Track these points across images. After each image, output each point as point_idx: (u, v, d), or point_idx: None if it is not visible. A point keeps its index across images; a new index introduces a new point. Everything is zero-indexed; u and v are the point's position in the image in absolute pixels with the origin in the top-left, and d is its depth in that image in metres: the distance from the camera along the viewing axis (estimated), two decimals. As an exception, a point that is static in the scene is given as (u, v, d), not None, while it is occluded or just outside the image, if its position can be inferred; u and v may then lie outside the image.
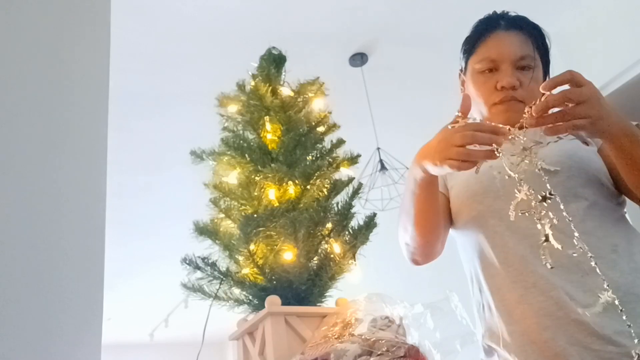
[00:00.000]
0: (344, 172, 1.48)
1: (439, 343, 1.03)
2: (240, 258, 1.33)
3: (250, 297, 1.33)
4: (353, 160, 1.50)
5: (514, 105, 1.11)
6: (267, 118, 1.49)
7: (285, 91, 1.56)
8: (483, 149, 0.87)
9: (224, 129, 1.52)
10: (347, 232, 1.38)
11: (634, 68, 2.48)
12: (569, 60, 2.65)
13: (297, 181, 1.38)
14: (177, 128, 3.25)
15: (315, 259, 1.35)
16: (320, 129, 1.50)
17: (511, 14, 1.21)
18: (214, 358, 6.12)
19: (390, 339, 0.99)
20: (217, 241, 1.36)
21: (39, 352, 0.70)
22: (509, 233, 1.05)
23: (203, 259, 1.32)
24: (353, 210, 1.41)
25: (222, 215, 1.40)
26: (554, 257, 0.96)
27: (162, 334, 6.07)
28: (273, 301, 1.20)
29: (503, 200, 1.05)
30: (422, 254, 1.15)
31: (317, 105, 1.56)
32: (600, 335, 0.93)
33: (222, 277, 1.31)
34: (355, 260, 1.37)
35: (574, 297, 0.96)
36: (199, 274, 1.32)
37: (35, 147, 0.79)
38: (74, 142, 0.84)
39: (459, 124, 0.91)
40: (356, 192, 1.43)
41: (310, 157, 1.47)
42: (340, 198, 1.43)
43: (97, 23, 0.94)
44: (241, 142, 1.46)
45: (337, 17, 2.70)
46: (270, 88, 1.51)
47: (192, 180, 1.76)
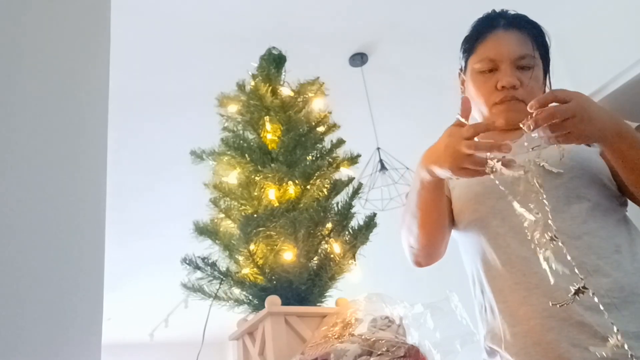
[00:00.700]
0: (344, 172, 1.48)
1: (439, 343, 1.03)
2: (240, 258, 1.33)
3: (250, 297, 1.33)
4: (353, 160, 1.50)
5: (515, 105, 1.12)
6: (267, 118, 1.49)
7: (285, 91, 1.56)
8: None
9: (224, 129, 1.52)
10: (347, 232, 1.38)
11: (634, 68, 2.48)
12: (569, 60, 2.65)
13: (297, 181, 1.38)
14: (177, 128, 3.25)
15: (315, 259, 1.35)
16: (320, 129, 1.50)
17: (510, 12, 1.21)
18: (214, 358, 6.11)
19: (390, 339, 0.99)
20: (217, 241, 1.36)
21: (39, 352, 0.70)
22: (512, 234, 1.04)
23: (203, 259, 1.32)
24: (353, 210, 1.41)
25: (222, 215, 1.40)
26: (557, 259, 0.97)
27: (162, 334, 6.07)
28: (273, 301, 1.20)
29: (505, 201, 1.05)
30: (426, 256, 1.15)
31: (317, 105, 1.56)
32: (603, 337, 0.92)
33: (222, 277, 1.31)
34: (355, 260, 1.37)
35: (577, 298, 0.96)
36: (199, 274, 1.32)
37: (35, 147, 0.79)
38: (74, 142, 0.84)
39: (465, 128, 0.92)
40: (356, 192, 1.43)
41: (310, 157, 1.47)
42: (340, 198, 1.43)
43: (97, 23, 0.94)
44: (241, 142, 1.46)
45: (337, 17, 2.70)
46: (270, 88, 1.51)
47: (192, 180, 1.76)
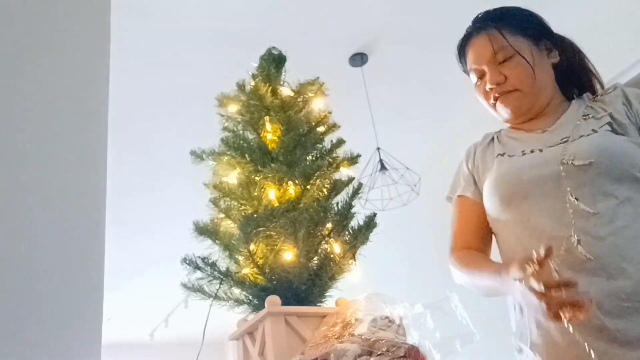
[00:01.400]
0: (344, 172, 1.48)
1: (439, 343, 1.03)
2: (240, 258, 1.33)
3: (250, 297, 1.32)
4: (353, 160, 1.50)
5: (508, 97, 1.18)
6: (267, 118, 1.49)
7: (285, 91, 1.56)
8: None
9: (224, 129, 1.52)
10: (347, 232, 1.38)
11: (634, 68, 2.48)
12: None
13: (297, 181, 1.37)
14: (177, 128, 3.25)
15: (315, 259, 1.35)
16: (320, 129, 1.50)
17: (481, 13, 1.25)
18: (214, 358, 6.11)
19: (390, 339, 0.99)
20: (217, 241, 1.36)
21: (40, 352, 0.70)
22: (536, 237, 1.05)
23: (203, 259, 1.32)
24: (353, 210, 1.41)
25: (222, 215, 1.40)
26: (579, 262, 0.97)
27: (162, 334, 6.07)
28: (273, 301, 1.19)
29: (529, 203, 1.06)
30: None
31: (317, 105, 1.55)
32: (622, 342, 0.92)
33: (222, 277, 1.31)
34: (355, 260, 1.36)
35: (597, 301, 0.94)
36: (199, 274, 1.32)
37: (35, 147, 0.79)
38: (74, 142, 0.84)
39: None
40: (356, 192, 1.43)
41: (310, 157, 1.46)
42: (340, 198, 1.42)
43: (97, 23, 0.94)
44: (241, 142, 1.46)
45: (337, 17, 2.70)
46: (270, 88, 1.51)
47: (192, 181, 1.76)
